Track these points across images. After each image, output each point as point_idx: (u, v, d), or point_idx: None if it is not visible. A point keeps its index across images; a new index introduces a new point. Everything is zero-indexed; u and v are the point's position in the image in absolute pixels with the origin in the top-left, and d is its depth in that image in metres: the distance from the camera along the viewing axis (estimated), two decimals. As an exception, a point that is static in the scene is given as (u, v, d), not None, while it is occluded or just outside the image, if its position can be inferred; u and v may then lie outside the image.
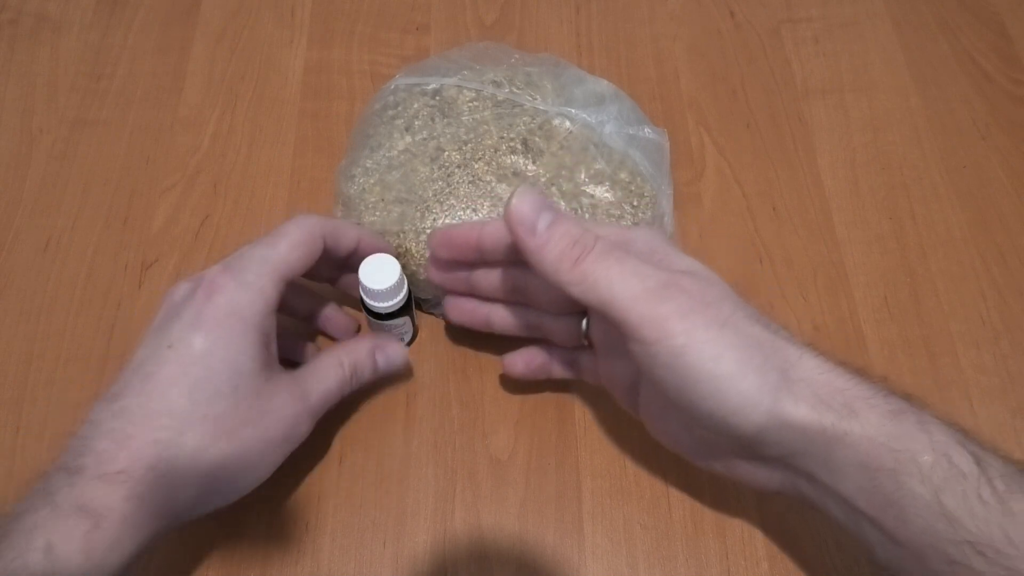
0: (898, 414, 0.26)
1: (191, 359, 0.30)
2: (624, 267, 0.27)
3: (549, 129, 0.42)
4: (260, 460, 0.31)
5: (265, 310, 0.32)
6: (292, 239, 0.33)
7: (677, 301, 0.27)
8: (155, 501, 0.29)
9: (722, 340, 0.26)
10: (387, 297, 0.37)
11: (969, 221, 0.46)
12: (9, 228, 0.45)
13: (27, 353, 0.41)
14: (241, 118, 0.49)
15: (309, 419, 0.33)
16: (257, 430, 0.31)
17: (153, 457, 0.29)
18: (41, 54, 0.52)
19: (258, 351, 0.31)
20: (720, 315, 0.27)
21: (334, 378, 0.34)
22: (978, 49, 0.52)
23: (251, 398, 0.31)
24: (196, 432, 0.29)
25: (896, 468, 0.25)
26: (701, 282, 0.28)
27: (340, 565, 0.36)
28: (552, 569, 0.36)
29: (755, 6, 0.54)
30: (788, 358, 0.27)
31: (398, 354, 0.37)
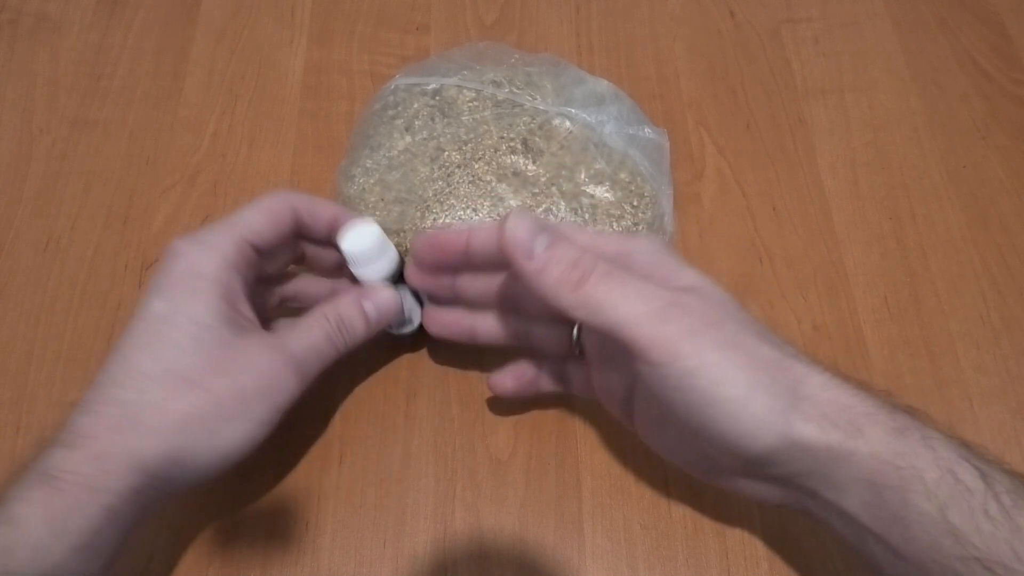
0: (903, 431, 0.26)
1: (152, 320, 0.30)
2: (626, 288, 0.27)
3: (549, 129, 0.42)
4: (238, 411, 0.30)
5: (224, 265, 0.31)
6: (258, 206, 0.33)
7: (683, 321, 0.26)
8: (118, 459, 0.28)
9: (731, 361, 0.26)
10: (368, 260, 0.35)
11: (969, 221, 0.46)
12: (9, 228, 0.45)
13: (27, 353, 0.41)
14: (241, 118, 0.49)
15: (291, 371, 0.31)
16: (227, 379, 0.30)
17: (116, 417, 0.28)
18: (41, 54, 0.52)
19: (220, 306, 0.30)
20: (726, 335, 0.26)
21: (317, 329, 0.33)
22: (978, 49, 0.52)
23: (218, 350, 0.30)
24: (159, 387, 0.29)
25: (902, 485, 0.25)
26: (705, 300, 0.27)
27: (340, 565, 0.36)
28: (552, 569, 0.36)
29: (755, 6, 0.54)
30: (796, 376, 0.27)
31: (388, 300, 0.35)
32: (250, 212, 0.33)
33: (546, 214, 0.40)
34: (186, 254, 0.31)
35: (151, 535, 0.36)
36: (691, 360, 0.26)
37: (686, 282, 0.28)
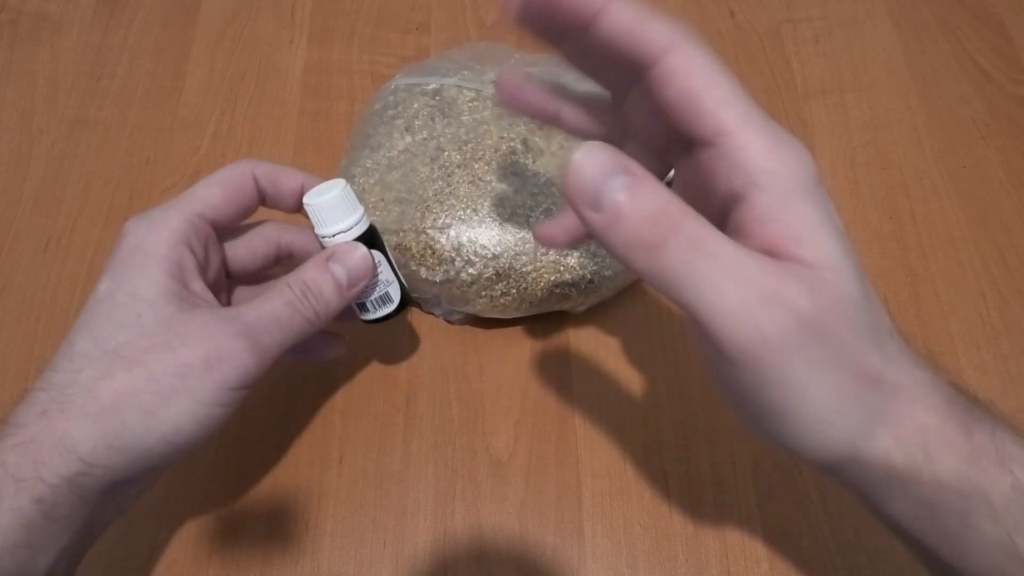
0: (977, 456, 0.24)
1: (96, 301, 0.28)
2: (716, 266, 0.21)
3: (549, 129, 0.42)
4: (179, 387, 0.27)
5: (170, 240, 0.29)
6: (213, 178, 0.32)
7: (781, 326, 0.21)
8: (43, 444, 0.26)
9: (821, 382, 0.22)
10: (332, 217, 0.32)
11: (969, 221, 0.46)
12: (9, 228, 0.45)
13: (27, 353, 0.41)
14: (241, 118, 0.49)
15: (243, 341, 0.28)
16: (166, 354, 0.27)
17: (45, 401, 0.26)
18: (41, 54, 0.52)
19: (165, 280, 0.28)
20: (828, 347, 0.22)
21: (277, 297, 0.30)
22: (978, 49, 0.52)
23: (159, 325, 0.27)
24: (94, 367, 0.27)
25: (965, 508, 0.24)
26: (820, 295, 0.22)
27: (340, 565, 0.36)
28: (552, 569, 0.36)
29: (755, 6, 0.54)
30: (886, 391, 0.24)
31: (358, 259, 0.31)
32: (204, 185, 0.31)
33: (546, 214, 0.40)
34: (132, 231, 0.30)
35: (151, 535, 0.36)
36: (774, 372, 0.22)
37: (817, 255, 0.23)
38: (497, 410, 0.40)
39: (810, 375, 0.22)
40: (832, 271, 0.22)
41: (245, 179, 0.32)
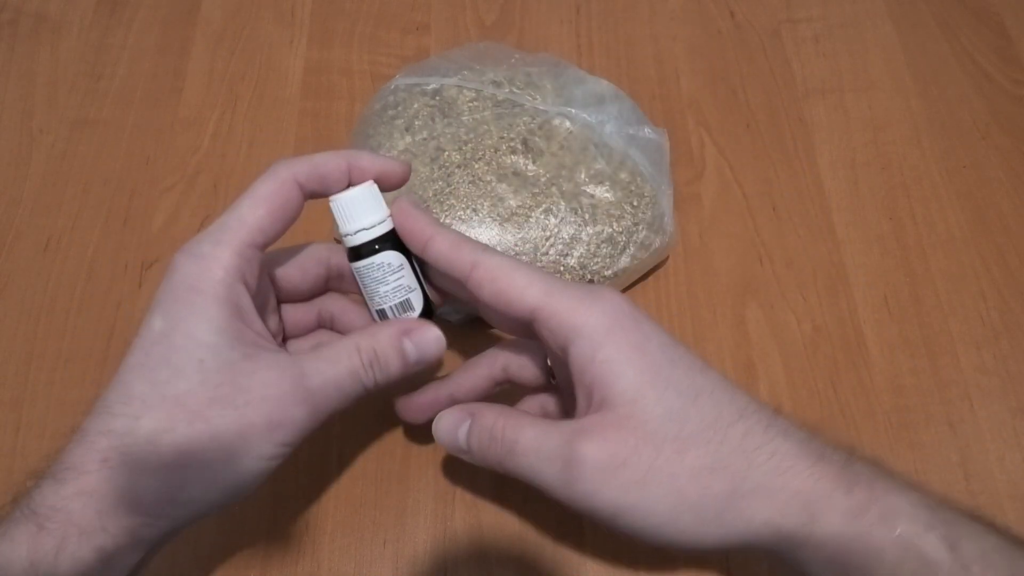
0: (859, 512, 0.26)
1: (152, 341, 0.27)
2: (531, 458, 0.28)
3: (549, 129, 0.42)
4: (240, 447, 0.26)
5: (226, 279, 0.27)
6: (255, 195, 0.29)
7: (587, 479, 0.27)
8: (108, 496, 0.25)
9: (647, 496, 0.26)
10: (357, 211, 0.30)
11: (969, 221, 0.46)
12: (9, 228, 0.45)
13: (27, 353, 0.41)
14: (241, 118, 0.49)
15: (305, 404, 0.28)
16: (230, 410, 0.26)
17: (105, 448, 0.26)
18: (41, 54, 0.52)
19: (225, 323, 0.27)
20: (638, 472, 0.26)
21: (345, 364, 0.29)
22: (978, 49, 0.52)
23: (223, 374, 0.26)
24: (154, 415, 0.26)
25: (865, 564, 0.25)
26: (612, 431, 0.27)
27: (340, 565, 0.36)
28: (552, 569, 0.36)
29: (755, 6, 0.54)
30: (735, 473, 0.26)
31: (432, 341, 0.31)
32: (249, 207, 0.29)
33: (546, 214, 0.40)
34: (181, 267, 0.28)
35: (151, 535, 0.36)
36: (606, 511, 0.27)
37: (613, 391, 0.27)
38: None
39: (631, 498, 0.26)
40: (625, 403, 0.27)
41: (289, 191, 0.29)
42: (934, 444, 0.39)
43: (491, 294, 0.29)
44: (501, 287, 0.29)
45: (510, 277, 0.29)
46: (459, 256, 0.29)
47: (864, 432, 0.40)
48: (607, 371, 0.27)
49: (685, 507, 0.26)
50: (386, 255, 0.31)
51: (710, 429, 0.27)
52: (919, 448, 0.39)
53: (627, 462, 0.26)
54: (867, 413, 0.40)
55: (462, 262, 0.29)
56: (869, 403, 0.40)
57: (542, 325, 0.28)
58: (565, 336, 0.28)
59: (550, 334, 0.28)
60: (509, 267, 0.29)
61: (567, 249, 0.40)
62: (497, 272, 0.29)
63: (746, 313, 0.43)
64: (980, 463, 0.39)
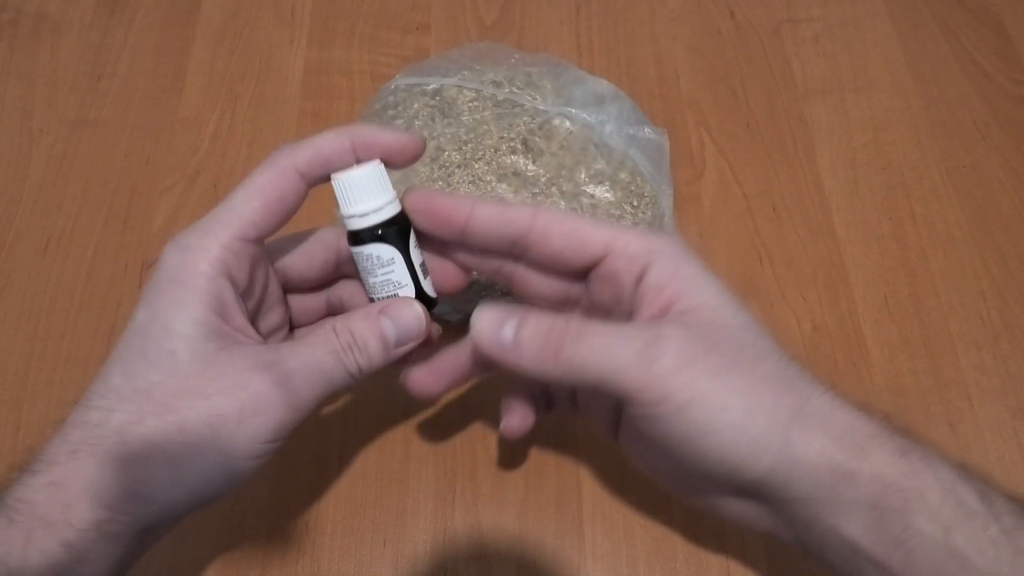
0: (905, 452, 0.26)
1: (133, 332, 0.27)
2: (604, 338, 0.26)
3: (549, 129, 0.42)
4: (210, 440, 0.25)
5: (209, 272, 0.27)
6: (250, 186, 0.28)
7: (669, 356, 0.25)
8: (72, 488, 0.25)
9: (728, 386, 0.25)
10: (359, 192, 0.28)
11: (969, 221, 0.46)
12: (9, 228, 0.45)
13: (27, 353, 0.41)
14: (241, 118, 0.49)
15: (280, 390, 0.26)
16: (199, 400, 0.25)
17: (76, 440, 0.25)
18: (41, 54, 0.52)
19: (202, 315, 0.26)
20: (722, 359, 0.26)
21: (322, 346, 0.28)
22: (978, 49, 0.52)
23: (194, 364, 0.26)
24: (125, 408, 0.25)
25: (905, 507, 0.25)
26: (695, 327, 0.26)
27: (340, 565, 0.36)
28: (552, 569, 0.36)
29: (755, 6, 0.54)
30: (801, 393, 0.26)
31: (410, 315, 0.29)
32: (242, 198, 0.28)
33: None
34: (168, 258, 0.27)
35: (151, 535, 0.36)
36: (683, 394, 0.25)
37: (696, 300, 0.27)
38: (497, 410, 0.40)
39: (714, 384, 0.25)
40: (708, 308, 0.27)
41: (288, 181, 0.28)
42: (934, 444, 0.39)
43: (561, 235, 0.28)
44: (572, 227, 0.28)
45: (576, 220, 0.29)
46: (513, 214, 0.29)
47: (864, 432, 0.40)
48: (692, 283, 0.27)
49: (760, 409, 0.25)
50: (375, 247, 0.29)
51: (777, 352, 0.27)
52: (919, 448, 0.39)
53: (714, 348, 0.26)
54: (867, 413, 0.40)
55: (520, 217, 0.29)
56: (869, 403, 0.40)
57: (619, 254, 0.28)
58: (645, 259, 0.28)
59: (627, 262, 0.28)
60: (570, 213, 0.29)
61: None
62: (562, 216, 0.29)
63: (746, 313, 0.43)
64: (980, 463, 0.39)
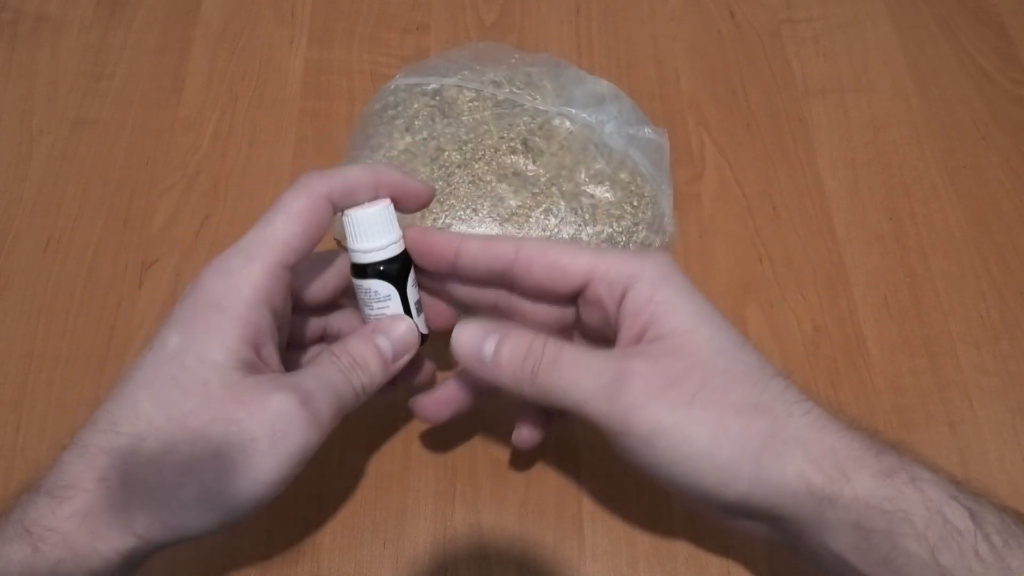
0: (890, 474, 0.26)
1: (164, 358, 0.26)
2: (575, 369, 0.27)
3: (549, 129, 0.42)
4: (242, 463, 0.26)
5: (252, 299, 0.27)
6: (289, 211, 0.28)
7: (634, 391, 0.26)
8: (103, 516, 0.25)
9: (691, 418, 0.26)
10: (365, 232, 0.30)
11: (969, 221, 0.46)
12: (9, 228, 0.45)
13: (27, 353, 0.41)
14: (241, 118, 0.49)
15: (304, 413, 0.27)
16: (232, 426, 0.26)
17: (105, 467, 0.25)
18: (41, 54, 0.52)
19: (238, 345, 0.26)
20: (685, 393, 0.26)
21: (329, 366, 0.29)
22: (978, 49, 0.52)
23: (225, 393, 0.26)
24: (158, 436, 0.25)
25: (890, 528, 0.25)
26: (663, 357, 0.27)
27: (340, 565, 0.36)
28: (552, 569, 0.36)
29: (755, 6, 0.54)
30: (777, 418, 0.26)
31: (404, 334, 0.30)
32: (283, 224, 0.28)
33: (546, 214, 0.40)
34: (208, 283, 0.27)
35: (151, 535, 0.36)
36: (646, 427, 0.26)
37: (669, 326, 0.27)
38: (497, 410, 0.40)
39: (676, 416, 0.26)
40: (679, 334, 0.27)
41: (323, 208, 0.28)
42: (934, 444, 0.39)
43: (542, 267, 0.29)
44: (552, 258, 0.29)
45: (557, 250, 0.29)
46: (497, 247, 0.30)
47: (864, 432, 0.40)
48: (665, 309, 0.28)
49: (726, 438, 0.26)
50: (375, 283, 0.30)
51: (755, 373, 0.27)
52: (919, 448, 0.39)
53: (676, 382, 0.26)
54: (867, 413, 0.40)
55: (503, 250, 0.30)
56: (869, 403, 0.40)
57: (599, 281, 0.29)
58: (624, 283, 0.28)
59: (607, 287, 0.29)
60: (552, 243, 0.30)
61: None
62: (543, 247, 0.29)
63: (746, 313, 0.43)
64: (980, 463, 0.39)
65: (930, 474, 0.26)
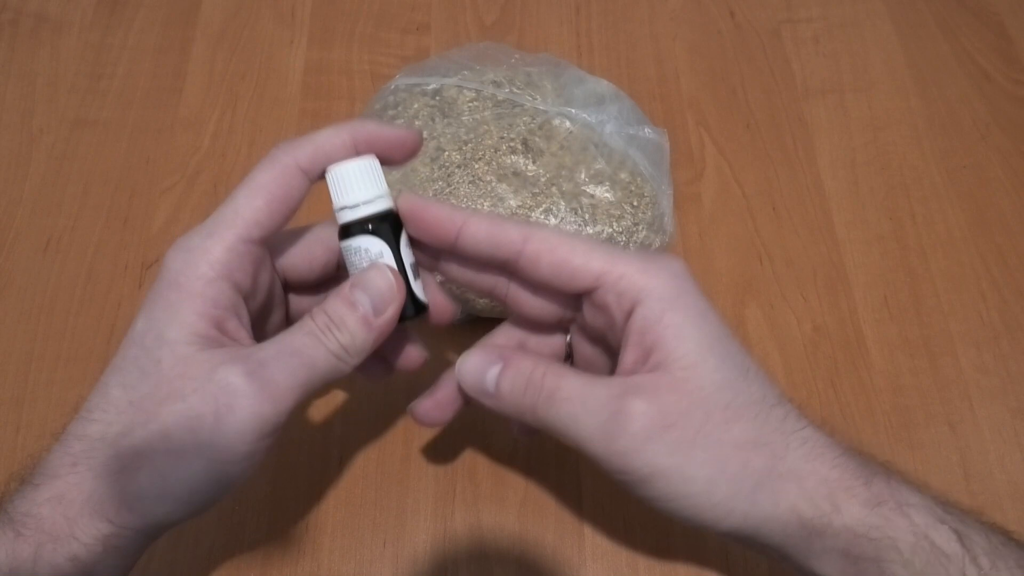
0: (878, 501, 0.26)
1: (131, 342, 0.26)
2: (572, 407, 0.26)
3: (549, 129, 0.42)
4: (192, 442, 0.25)
5: (209, 274, 0.26)
6: (252, 185, 0.27)
7: (631, 433, 0.25)
8: (76, 502, 0.25)
9: (690, 460, 0.26)
10: (347, 187, 0.28)
11: (969, 221, 0.46)
12: (9, 228, 0.45)
13: (27, 353, 0.41)
14: (241, 118, 0.49)
15: (253, 382, 0.25)
16: (177, 404, 0.25)
17: (77, 454, 0.25)
18: (41, 54, 0.52)
19: (194, 320, 0.25)
20: (686, 434, 0.26)
21: (299, 331, 0.27)
22: (978, 49, 0.52)
23: (175, 370, 0.25)
24: (122, 420, 0.25)
25: (878, 556, 0.25)
26: (664, 392, 0.26)
27: (340, 565, 0.36)
28: (552, 569, 0.36)
29: (755, 6, 0.54)
30: (773, 453, 0.26)
31: (378, 279, 0.28)
32: (245, 198, 0.27)
33: (546, 214, 0.40)
34: (169, 262, 0.27)
35: (151, 535, 0.36)
36: (645, 469, 0.26)
37: (674, 354, 0.26)
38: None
39: (675, 460, 0.26)
40: (682, 366, 0.26)
41: (291, 178, 0.27)
42: (934, 444, 0.39)
43: (551, 264, 0.27)
44: (562, 255, 0.27)
45: (569, 245, 0.27)
46: (505, 233, 0.28)
47: (864, 432, 0.40)
48: (672, 334, 0.26)
49: (724, 478, 0.26)
50: (364, 240, 0.28)
51: (756, 405, 0.27)
52: (919, 448, 0.39)
53: (676, 424, 0.26)
54: (867, 413, 0.40)
55: (510, 238, 0.28)
56: (869, 403, 0.41)
57: (609, 289, 0.27)
58: (634, 297, 0.27)
59: (617, 298, 0.27)
60: (565, 236, 0.28)
61: None
62: (554, 241, 0.28)
63: (746, 313, 0.43)
64: (980, 463, 0.39)
65: (918, 498, 0.26)
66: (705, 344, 0.27)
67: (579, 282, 0.28)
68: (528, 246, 0.28)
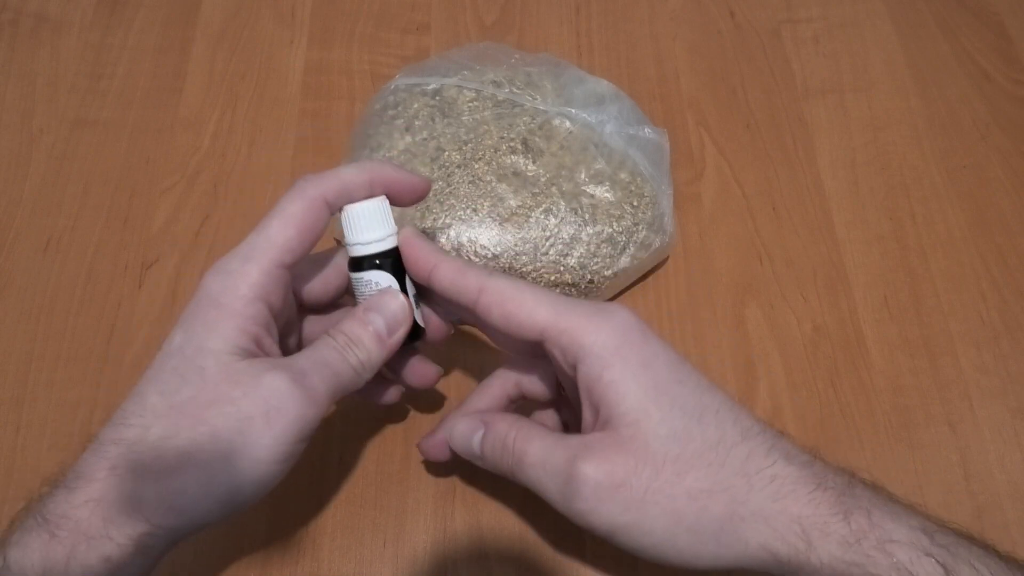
0: (858, 538, 0.26)
1: (168, 354, 0.28)
2: (537, 471, 0.29)
3: (549, 129, 0.42)
4: (240, 445, 0.26)
5: (249, 295, 0.28)
6: (284, 215, 0.29)
7: (583, 497, 0.27)
8: (114, 504, 0.26)
9: (644, 515, 0.27)
10: (360, 226, 0.31)
11: (969, 221, 0.46)
12: (9, 228, 0.45)
13: (27, 353, 0.41)
14: (241, 118, 0.49)
15: (297, 387, 0.27)
16: (228, 407, 0.27)
17: (115, 457, 0.26)
18: (41, 54, 0.52)
19: (236, 336, 0.28)
20: (637, 491, 0.27)
21: (326, 346, 0.29)
22: (978, 49, 0.52)
23: (221, 376, 0.27)
24: (161, 424, 0.27)
25: None
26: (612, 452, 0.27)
27: (340, 565, 0.36)
28: (552, 569, 0.36)
29: (755, 6, 0.54)
30: (735, 495, 0.27)
31: (393, 306, 0.31)
32: (279, 227, 0.29)
33: (546, 214, 0.40)
34: (208, 284, 0.29)
35: (151, 535, 0.36)
36: (603, 528, 0.27)
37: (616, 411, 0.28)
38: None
39: (629, 516, 0.27)
40: (626, 424, 0.27)
41: (318, 210, 0.30)
42: (934, 444, 0.39)
43: (500, 317, 0.29)
44: (510, 309, 0.29)
45: (518, 299, 0.29)
46: (465, 282, 0.30)
47: (864, 432, 0.40)
48: (612, 391, 0.28)
49: (682, 528, 0.27)
50: (374, 274, 0.31)
51: (712, 450, 0.27)
52: (919, 448, 0.39)
53: (625, 483, 0.27)
54: (867, 413, 0.40)
55: (468, 288, 0.30)
56: (869, 403, 0.41)
57: (552, 344, 0.29)
58: (575, 354, 0.28)
59: (561, 353, 0.29)
60: (516, 289, 0.29)
61: (567, 249, 0.40)
62: (504, 295, 0.29)
63: (746, 313, 0.43)
64: (980, 463, 0.39)
65: (904, 530, 0.26)
66: (648, 398, 0.28)
67: (527, 334, 0.29)
68: (482, 297, 0.30)
